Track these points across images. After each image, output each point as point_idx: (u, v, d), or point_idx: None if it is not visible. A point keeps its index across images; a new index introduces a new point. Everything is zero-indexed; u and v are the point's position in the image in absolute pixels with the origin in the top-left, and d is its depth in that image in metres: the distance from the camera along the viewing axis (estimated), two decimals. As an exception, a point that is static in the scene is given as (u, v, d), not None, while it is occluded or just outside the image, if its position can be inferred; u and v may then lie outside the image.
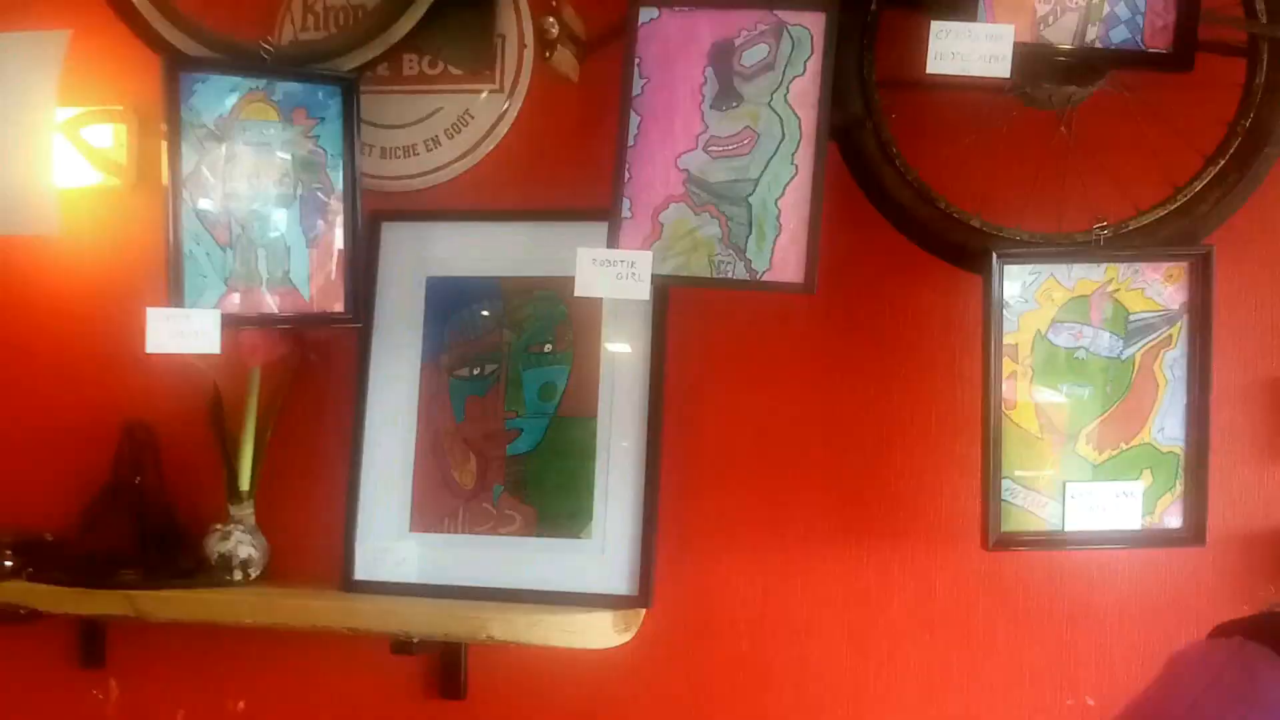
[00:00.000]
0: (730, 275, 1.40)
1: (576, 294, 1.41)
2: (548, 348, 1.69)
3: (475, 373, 1.71)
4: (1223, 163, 1.39)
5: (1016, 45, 1.32)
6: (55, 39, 1.76)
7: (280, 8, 1.80)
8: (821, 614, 1.63)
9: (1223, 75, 1.40)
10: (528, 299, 1.70)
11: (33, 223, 1.75)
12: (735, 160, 1.41)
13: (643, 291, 1.40)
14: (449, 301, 1.73)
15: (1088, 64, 1.37)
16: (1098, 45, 1.35)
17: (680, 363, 1.65)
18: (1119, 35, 1.35)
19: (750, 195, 1.41)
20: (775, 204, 1.39)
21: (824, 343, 1.63)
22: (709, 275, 1.41)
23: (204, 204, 1.59)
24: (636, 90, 1.43)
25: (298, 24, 1.80)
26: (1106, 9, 1.34)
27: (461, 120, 1.77)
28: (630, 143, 1.43)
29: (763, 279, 1.40)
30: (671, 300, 1.63)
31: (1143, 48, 1.35)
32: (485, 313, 1.72)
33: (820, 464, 1.63)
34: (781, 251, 1.39)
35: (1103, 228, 1.40)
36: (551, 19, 1.37)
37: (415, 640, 1.57)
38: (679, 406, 1.65)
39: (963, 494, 1.57)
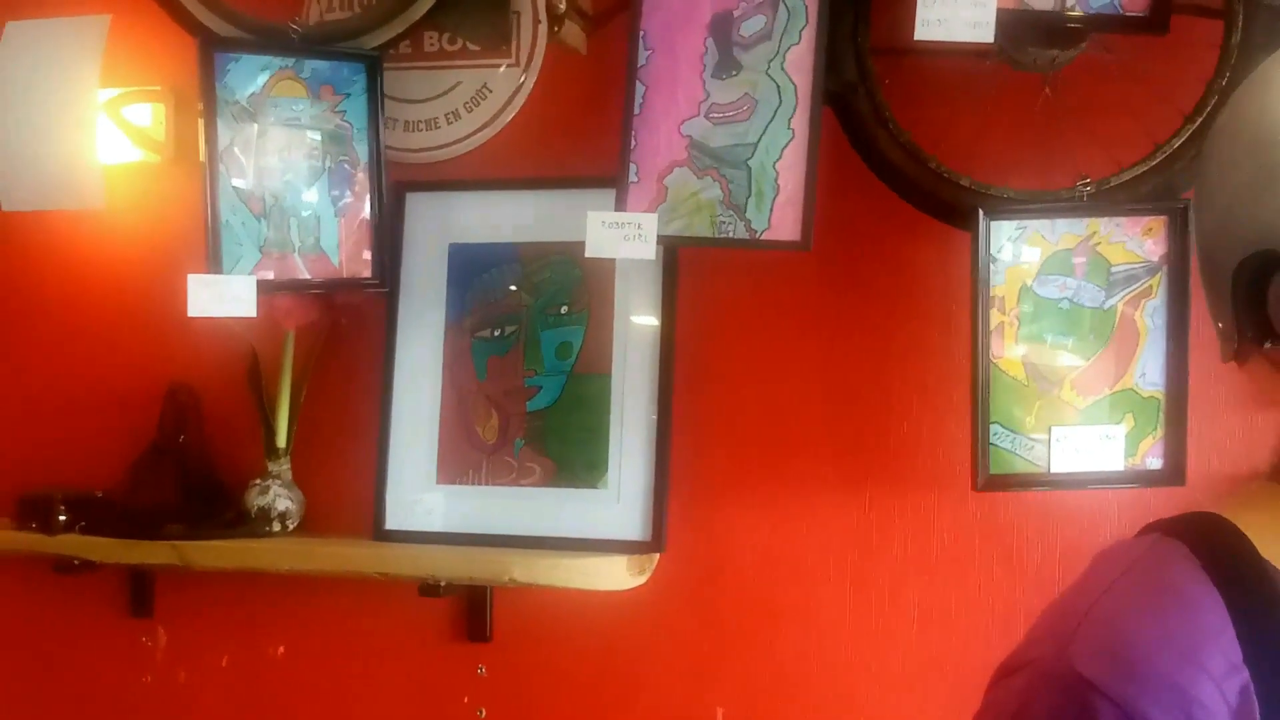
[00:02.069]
0: (731, 235, 1.48)
1: (588, 254, 1.49)
2: (564, 309, 1.78)
3: (496, 333, 1.80)
4: (1200, 120, 1.44)
5: (1000, 11, 1.39)
6: (97, 24, 1.81)
7: (307, -10, 1.89)
8: (826, 557, 1.71)
9: (1202, 36, 1.46)
10: (544, 263, 1.79)
11: (79, 197, 1.81)
12: (735, 126, 1.49)
13: (649, 251, 1.48)
14: (471, 267, 1.82)
15: (1068, 28, 1.44)
16: (1077, 10, 1.41)
17: (689, 321, 1.72)
18: (1097, 1, 1.41)
19: (749, 159, 1.48)
20: (773, 167, 1.47)
21: (824, 299, 1.70)
22: (711, 235, 1.49)
23: (239, 177, 1.69)
24: (641, 61, 1.51)
25: (324, 4, 1.87)
26: (1086, -25, 1.41)
27: (480, 94, 1.84)
28: (636, 111, 1.51)
29: (762, 238, 1.48)
30: (681, 262, 1.72)
31: (1120, 11, 1.41)
32: (505, 277, 1.81)
33: (823, 414, 1.71)
34: (779, 212, 1.47)
35: (1086, 184, 1.47)
36: (560, -4, 1.46)
37: (442, 584, 1.67)
38: (689, 362, 1.73)
39: (959, 442, 1.63)
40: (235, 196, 1.68)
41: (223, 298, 1.63)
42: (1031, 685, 0.73)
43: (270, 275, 1.69)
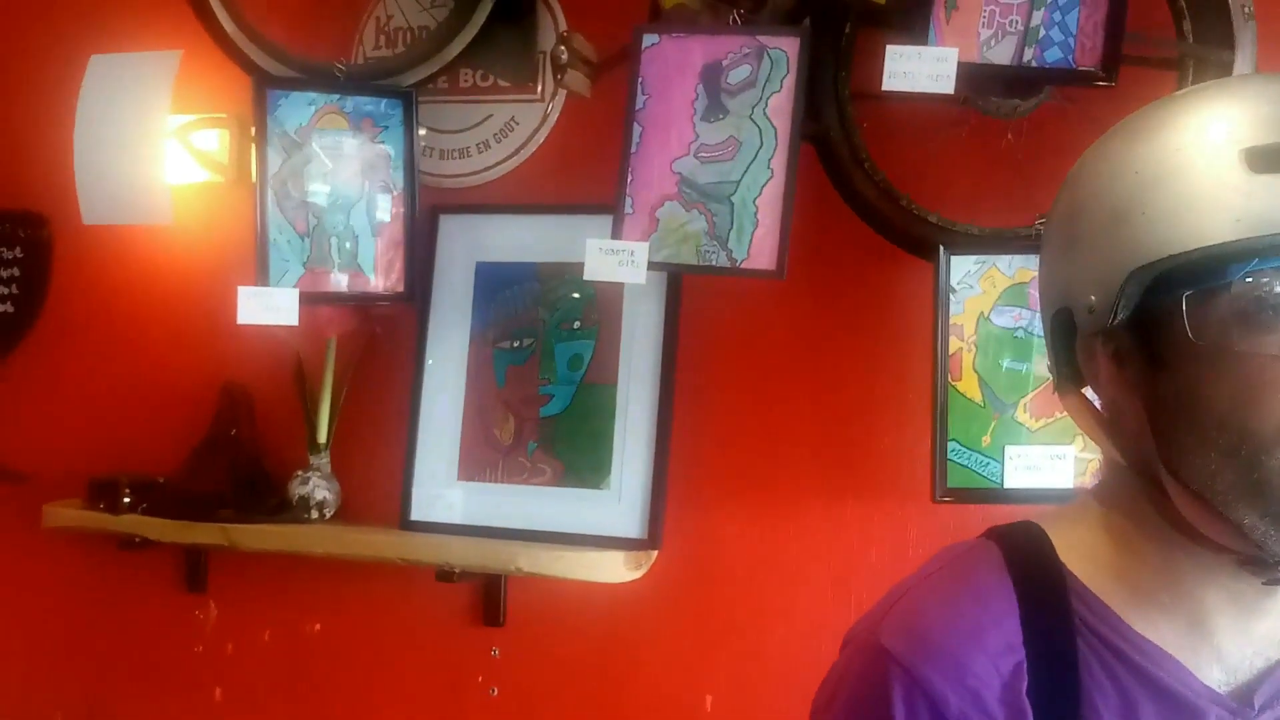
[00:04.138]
0: (714, 263, 1.63)
1: (586, 277, 1.65)
2: (576, 324, 1.94)
3: (515, 345, 1.97)
4: (1150, 167, 1.56)
5: (961, 65, 1.53)
6: (169, 58, 2.01)
7: (356, 30, 2.07)
8: (809, 560, 1.84)
9: (1155, 87, 1.57)
10: (560, 282, 1.95)
11: (149, 214, 2.01)
12: (721, 165, 1.64)
13: (640, 276, 1.64)
14: (495, 283, 1.99)
15: (1026, 80, 1.57)
16: (1033, 64, 1.54)
17: (690, 339, 1.87)
18: (1052, 55, 1.53)
19: (732, 195, 1.63)
20: (753, 203, 1.62)
21: (812, 322, 1.82)
22: (696, 263, 1.64)
23: (286, 200, 1.88)
24: (639, 105, 1.66)
25: (370, 44, 2.07)
26: (1042, 33, 1.54)
27: (508, 126, 2.02)
28: (633, 149, 1.66)
29: (741, 267, 1.62)
30: (684, 285, 1.87)
31: (1073, 66, 1.54)
32: (525, 294, 1.98)
33: (810, 428, 1.83)
34: (758, 243, 1.61)
35: (1042, 223, 1.59)
36: (562, 47, 1.62)
37: (457, 571, 1.83)
38: (688, 377, 1.87)
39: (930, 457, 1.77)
40: (282, 217, 1.87)
41: (268, 307, 1.82)
42: (853, 655, 0.89)
43: (311, 288, 1.87)
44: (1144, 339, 0.81)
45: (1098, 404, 0.88)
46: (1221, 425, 0.76)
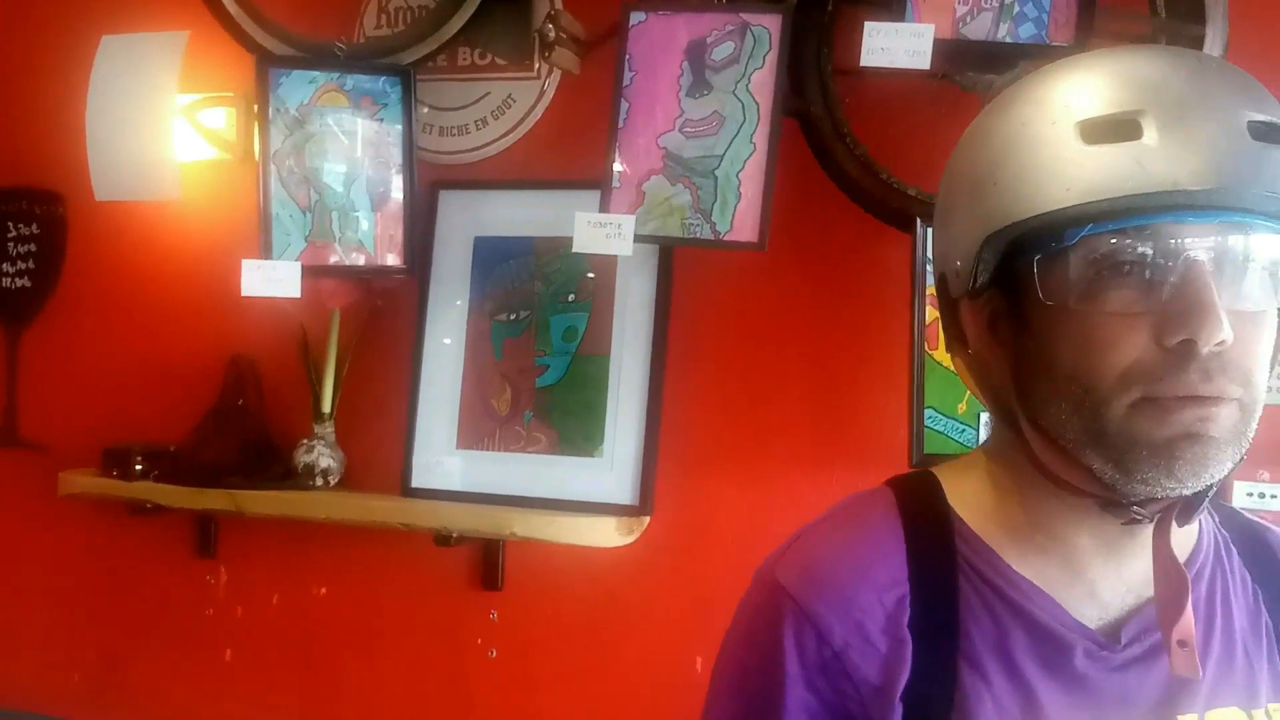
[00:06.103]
0: (698, 236, 1.68)
1: (575, 250, 1.70)
2: (571, 297, 1.99)
3: (512, 318, 2.03)
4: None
5: (938, 41, 1.56)
6: (177, 38, 2.07)
7: (358, 10, 2.12)
8: (795, 525, 1.86)
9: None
10: (555, 255, 2.00)
11: (158, 190, 2.07)
12: (705, 139, 1.68)
13: (626, 248, 1.69)
14: (492, 257, 2.04)
15: (1001, 55, 1.60)
16: (1008, 40, 1.58)
17: (680, 311, 1.92)
18: (1026, 31, 1.57)
19: (716, 169, 1.68)
20: (736, 176, 1.66)
21: (796, 294, 1.87)
22: (681, 235, 1.69)
23: (289, 175, 1.94)
24: (627, 81, 1.71)
25: (372, 22, 2.12)
26: (1016, 9, 1.57)
27: (505, 104, 2.07)
28: (620, 125, 1.71)
29: (724, 239, 1.67)
30: (675, 258, 1.91)
31: (1047, 41, 1.57)
32: (521, 267, 2.03)
33: (795, 397, 1.88)
34: (741, 216, 1.66)
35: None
36: (550, 24, 1.66)
37: (454, 535, 1.90)
38: (679, 348, 1.92)
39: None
40: (284, 192, 1.93)
41: (270, 280, 1.87)
42: (753, 589, 0.96)
43: (313, 261, 1.93)
44: (1008, 301, 0.88)
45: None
46: (1068, 379, 0.83)
